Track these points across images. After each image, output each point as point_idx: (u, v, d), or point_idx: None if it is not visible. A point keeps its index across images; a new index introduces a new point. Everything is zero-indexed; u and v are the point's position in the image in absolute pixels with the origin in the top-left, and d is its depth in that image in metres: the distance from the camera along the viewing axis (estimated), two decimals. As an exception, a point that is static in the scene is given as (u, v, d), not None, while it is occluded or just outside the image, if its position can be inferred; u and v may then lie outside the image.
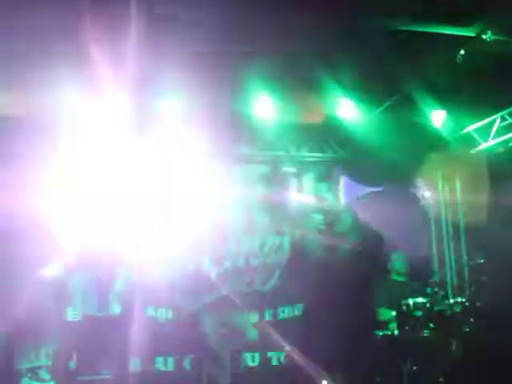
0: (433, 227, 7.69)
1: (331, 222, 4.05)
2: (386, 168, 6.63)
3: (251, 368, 6.56)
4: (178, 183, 6.37)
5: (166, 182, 6.56)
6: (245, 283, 6.00)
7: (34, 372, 6.37)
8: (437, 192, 7.71)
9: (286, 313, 6.96)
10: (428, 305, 5.15)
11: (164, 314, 6.62)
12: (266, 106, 6.28)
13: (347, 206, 4.76)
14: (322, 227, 3.97)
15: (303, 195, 6.89)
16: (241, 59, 5.49)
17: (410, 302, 5.17)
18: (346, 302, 5.94)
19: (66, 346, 5.41)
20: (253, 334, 5.76)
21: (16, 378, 6.19)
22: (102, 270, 5.60)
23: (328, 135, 7.20)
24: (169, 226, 6.84)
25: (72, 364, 5.49)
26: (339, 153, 7.20)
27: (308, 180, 6.98)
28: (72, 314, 5.42)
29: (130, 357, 6.06)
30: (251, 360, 6.68)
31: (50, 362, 6.36)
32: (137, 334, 5.96)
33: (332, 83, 6.02)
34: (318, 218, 3.97)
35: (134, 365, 6.31)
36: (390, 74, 5.87)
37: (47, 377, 6.43)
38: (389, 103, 6.37)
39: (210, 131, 6.84)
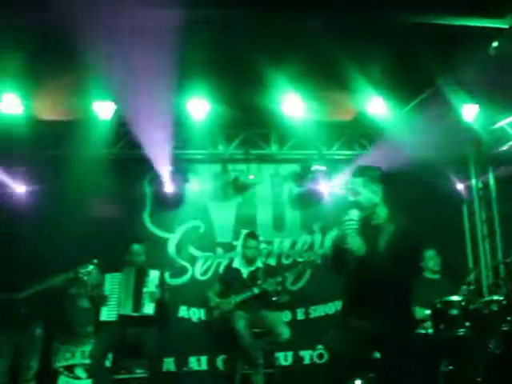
0: (466, 224, 7.59)
1: (367, 215, 3.92)
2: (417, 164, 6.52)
3: (284, 367, 6.58)
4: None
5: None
6: (276, 282, 5.96)
7: (70, 370, 6.52)
8: (469, 188, 7.59)
9: (317, 312, 6.96)
10: (463, 303, 5.05)
11: (196, 313, 6.69)
12: (295, 105, 6.24)
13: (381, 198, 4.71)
14: (357, 222, 3.85)
15: (335, 192, 6.86)
16: (270, 58, 5.51)
17: (445, 300, 5.08)
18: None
19: (102, 346, 5.44)
20: (285, 333, 5.72)
21: (53, 376, 6.35)
22: (135, 269, 5.64)
23: (358, 133, 7.14)
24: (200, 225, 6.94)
25: (107, 363, 5.53)
26: (370, 150, 7.13)
27: (339, 177, 6.94)
28: (107, 314, 5.46)
29: (163, 356, 6.15)
30: (284, 359, 6.71)
31: (85, 361, 6.50)
32: (170, 334, 6.03)
33: (361, 80, 5.97)
34: (354, 213, 3.86)
35: (168, 364, 6.47)
36: (420, 69, 5.80)
37: (83, 375, 6.56)
38: (419, 99, 6.26)
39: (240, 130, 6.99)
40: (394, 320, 3.48)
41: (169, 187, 6.67)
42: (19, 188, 6.51)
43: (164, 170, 6.51)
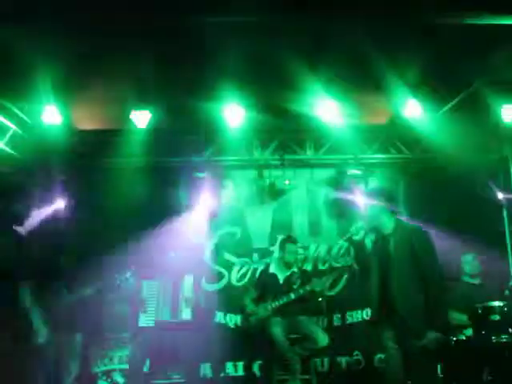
0: (507, 227, 7.40)
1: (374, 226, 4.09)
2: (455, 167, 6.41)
3: (321, 373, 6.53)
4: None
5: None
6: (312, 288, 5.93)
7: (108, 375, 6.62)
8: (510, 191, 7.40)
9: (354, 317, 6.90)
10: (506, 308, 4.92)
11: (233, 319, 6.71)
12: (330, 109, 6.20)
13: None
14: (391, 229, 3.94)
15: (370, 197, 6.77)
16: (304, 62, 5.51)
17: (487, 305, 4.96)
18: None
19: (140, 351, 5.53)
20: (323, 340, 5.68)
21: (92, 380, 6.46)
22: (172, 276, 5.71)
23: (393, 136, 7.04)
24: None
25: (145, 368, 5.61)
26: (405, 153, 7.04)
27: (374, 182, 6.88)
28: (145, 320, 5.55)
29: (200, 362, 6.19)
30: (320, 365, 6.66)
31: (123, 366, 6.60)
32: (207, 340, 6.06)
33: (397, 82, 5.90)
34: (386, 220, 3.94)
35: (205, 370, 6.44)
36: (457, 70, 5.71)
37: (121, 380, 6.66)
38: (456, 100, 6.14)
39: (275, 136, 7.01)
40: None
41: (205, 193, 6.74)
42: (60, 198, 6.66)
43: (199, 176, 6.58)
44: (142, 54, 5.29)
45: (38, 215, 6.73)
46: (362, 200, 6.75)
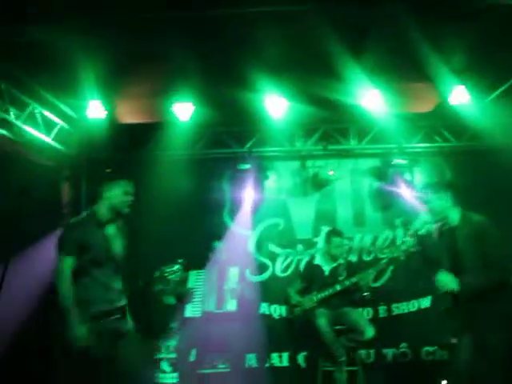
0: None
1: (440, 219, 3.98)
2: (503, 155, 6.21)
3: (366, 365, 6.46)
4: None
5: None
6: (358, 280, 5.87)
7: (156, 364, 6.73)
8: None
9: (400, 309, 6.80)
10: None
11: (278, 310, 6.72)
12: (374, 98, 6.11)
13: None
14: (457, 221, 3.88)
15: (415, 187, 6.67)
16: (347, 51, 5.42)
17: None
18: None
19: (186, 341, 5.59)
20: (369, 332, 5.63)
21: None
22: (217, 267, 5.75)
23: (439, 124, 6.86)
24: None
25: (192, 357, 5.67)
26: (452, 142, 6.86)
27: (420, 171, 6.74)
28: (191, 311, 5.61)
29: (245, 352, 6.22)
30: (366, 357, 6.60)
31: (170, 355, 6.69)
32: (252, 331, 6.09)
33: (443, 69, 5.75)
34: (452, 212, 3.88)
35: (250, 360, 6.47)
36: (505, 56, 5.52)
37: (168, 369, 6.75)
38: (505, 87, 5.96)
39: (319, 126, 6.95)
40: None
41: (248, 185, 6.72)
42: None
43: (243, 168, 6.58)
44: (184, 46, 5.34)
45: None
46: (407, 190, 6.66)
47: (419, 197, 6.65)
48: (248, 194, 6.75)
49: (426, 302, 6.74)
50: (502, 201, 6.34)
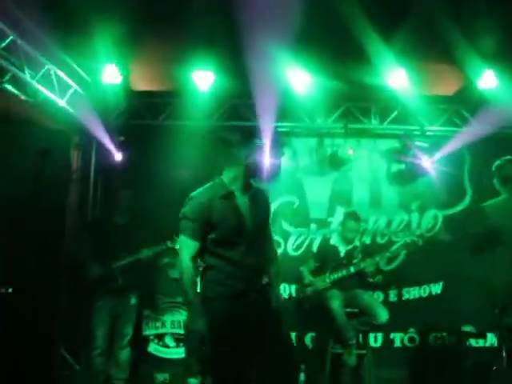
0: None
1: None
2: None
3: (374, 349, 6.39)
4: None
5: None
6: (374, 262, 5.77)
7: (160, 338, 6.65)
8: None
9: (411, 294, 6.72)
10: None
11: (287, 289, 6.60)
12: (398, 78, 5.94)
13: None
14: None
15: (434, 170, 6.54)
16: (374, 29, 5.23)
17: None
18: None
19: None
20: (383, 315, 5.54)
21: (144, 343, 6.51)
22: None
23: (464, 108, 6.68)
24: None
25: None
26: (475, 127, 6.66)
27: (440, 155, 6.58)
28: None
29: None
30: (373, 340, 6.54)
31: (174, 330, 6.61)
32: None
33: (470, 51, 5.57)
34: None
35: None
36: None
37: (172, 344, 6.68)
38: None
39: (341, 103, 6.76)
40: None
41: (264, 160, 6.50)
42: (117, 157, 6.58)
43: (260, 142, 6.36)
44: (205, 14, 5.13)
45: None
46: (427, 173, 6.55)
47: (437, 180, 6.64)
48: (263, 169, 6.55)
49: (437, 288, 6.68)
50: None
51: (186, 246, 3.24)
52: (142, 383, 6.07)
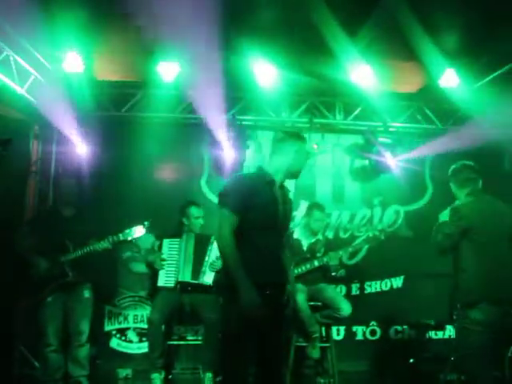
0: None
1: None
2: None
3: (336, 342, 6.45)
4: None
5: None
6: (337, 256, 5.81)
7: (122, 333, 6.54)
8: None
9: (373, 287, 6.82)
10: None
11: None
12: (363, 74, 6.00)
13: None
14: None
15: (396, 166, 6.64)
16: (339, 24, 5.25)
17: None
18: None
19: (159, 311, 5.38)
20: (346, 309, 5.60)
21: (105, 338, 6.40)
22: (194, 235, 5.54)
23: (426, 106, 6.83)
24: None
25: (163, 327, 5.48)
26: (437, 125, 6.83)
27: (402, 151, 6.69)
28: (165, 280, 5.39)
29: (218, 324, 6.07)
30: (336, 333, 6.60)
31: (137, 325, 6.51)
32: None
33: (434, 50, 5.66)
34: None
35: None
36: (501, 39, 5.46)
37: (135, 339, 6.58)
38: (499, 72, 5.88)
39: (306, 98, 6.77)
40: None
41: (228, 153, 6.47)
42: (80, 148, 6.42)
43: (224, 135, 6.33)
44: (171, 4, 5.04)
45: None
46: (389, 168, 6.64)
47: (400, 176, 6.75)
48: (227, 163, 6.53)
49: (398, 282, 6.82)
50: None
51: (227, 220, 3.19)
52: (103, 379, 5.91)
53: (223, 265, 3.39)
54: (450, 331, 6.49)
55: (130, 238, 5.28)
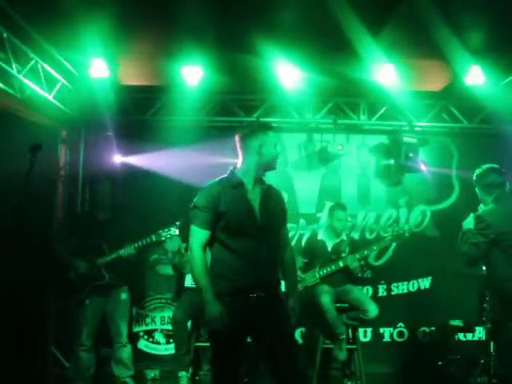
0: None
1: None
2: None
3: (364, 344, 6.40)
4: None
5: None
6: (360, 258, 5.78)
7: (150, 335, 6.61)
8: None
9: (400, 289, 6.76)
10: None
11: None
12: (387, 73, 5.95)
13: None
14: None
15: (423, 166, 6.58)
16: (363, 24, 5.22)
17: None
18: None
19: (184, 312, 5.43)
20: (373, 311, 5.55)
21: (133, 340, 6.38)
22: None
23: (451, 104, 6.73)
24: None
25: (188, 329, 5.53)
26: (463, 123, 6.73)
27: (428, 151, 6.64)
28: (192, 281, 5.43)
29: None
30: (363, 335, 6.56)
31: (164, 327, 6.58)
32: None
33: (459, 47, 5.59)
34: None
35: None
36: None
37: (162, 340, 6.65)
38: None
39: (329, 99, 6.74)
40: None
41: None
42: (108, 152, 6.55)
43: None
44: (196, 7, 5.09)
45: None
46: (416, 169, 6.57)
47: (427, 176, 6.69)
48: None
49: (426, 283, 6.74)
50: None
51: (196, 236, 3.19)
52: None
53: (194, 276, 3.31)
54: (479, 333, 6.40)
55: (169, 237, 5.37)
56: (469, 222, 4.00)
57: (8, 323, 4.60)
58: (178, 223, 5.37)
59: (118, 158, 6.60)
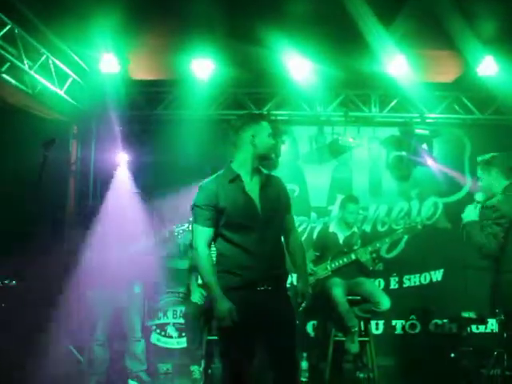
0: None
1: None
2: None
3: (375, 336, 6.40)
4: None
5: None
6: (372, 250, 5.77)
7: (162, 328, 6.65)
8: None
9: (412, 281, 6.75)
10: None
11: (289, 279, 6.54)
12: (398, 65, 5.93)
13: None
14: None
15: (434, 158, 6.54)
16: (374, 16, 5.19)
17: None
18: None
19: (196, 306, 5.46)
20: (385, 303, 5.55)
21: (147, 333, 6.44)
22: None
23: (464, 95, 6.67)
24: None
25: (200, 323, 5.56)
26: (475, 114, 6.68)
27: (440, 143, 6.60)
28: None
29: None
30: (375, 328, 6.55)
31: (176, 320, 6.61)
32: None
33: (470, 37, 5.54)
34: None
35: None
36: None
37: (175, 334, 6.68)
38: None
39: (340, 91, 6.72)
40: None
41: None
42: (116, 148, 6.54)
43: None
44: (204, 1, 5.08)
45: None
46: (427, 161, 6.54)
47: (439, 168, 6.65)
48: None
49: (438, 275, 6.72)
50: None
51: (200, 234, 3.17)
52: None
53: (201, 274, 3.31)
54: (492, 325, 6.37)
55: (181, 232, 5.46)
56: (470, 214, 3.94)
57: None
58: (190, 219, 5.40)
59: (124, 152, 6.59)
